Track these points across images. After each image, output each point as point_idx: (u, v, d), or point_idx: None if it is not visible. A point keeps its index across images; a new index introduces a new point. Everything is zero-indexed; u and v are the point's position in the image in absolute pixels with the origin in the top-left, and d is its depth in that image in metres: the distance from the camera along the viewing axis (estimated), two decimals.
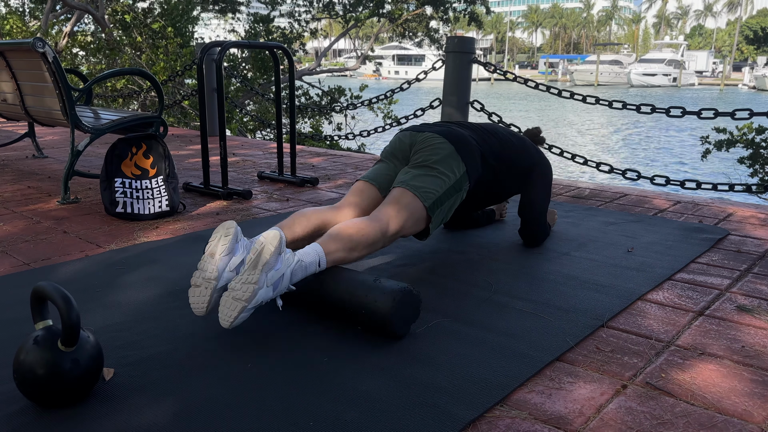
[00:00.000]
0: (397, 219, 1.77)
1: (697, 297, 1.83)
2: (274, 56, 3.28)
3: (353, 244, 1.66)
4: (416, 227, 1.85)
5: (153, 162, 2.72)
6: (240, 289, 1.41)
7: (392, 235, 1.77)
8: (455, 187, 1.91)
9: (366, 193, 1.97)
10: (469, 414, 1.19)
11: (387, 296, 1.46)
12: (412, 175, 1.89)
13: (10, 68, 3.13)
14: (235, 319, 1.41)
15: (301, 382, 1.30)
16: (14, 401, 1.21)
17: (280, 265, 1.48)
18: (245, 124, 9.12)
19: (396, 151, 2.04)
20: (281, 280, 1.48)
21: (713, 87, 51.36)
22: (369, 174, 2.03)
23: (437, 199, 1.86)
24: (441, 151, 1.93)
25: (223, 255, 1.50)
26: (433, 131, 2.00)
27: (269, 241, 1.46)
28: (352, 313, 1.52)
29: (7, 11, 9.46)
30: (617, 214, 2.85)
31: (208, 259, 1.51)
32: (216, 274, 1.48)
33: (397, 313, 1.47)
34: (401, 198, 1.82)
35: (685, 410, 1.23)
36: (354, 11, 10.95)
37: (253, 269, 1.43)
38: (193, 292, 1.50)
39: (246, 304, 1.41)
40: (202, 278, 1.49)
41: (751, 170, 5.21)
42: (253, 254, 1.45)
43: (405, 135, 2.05)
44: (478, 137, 2.08)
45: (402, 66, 64.37)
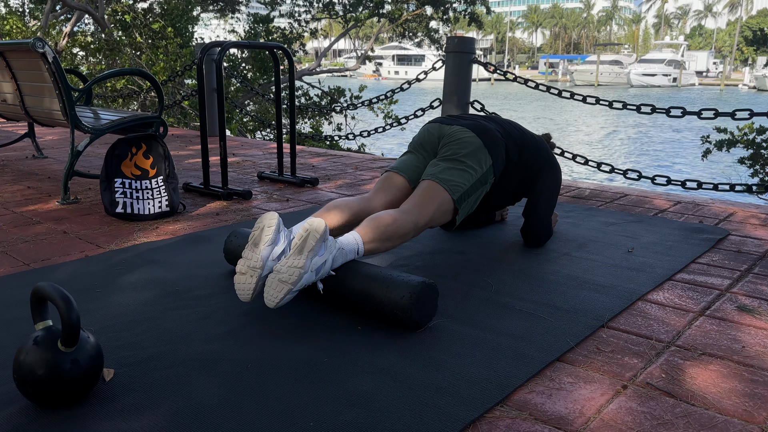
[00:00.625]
0: (427, 211, 1.86)
1: (698, 297, 1.83)
2: (274, 56, 3.28)
3: (388, 234, 1.74)
4: (444, 218, 1.93)
5: (153, 162, 2.72)
6: (286, 272, 1.50)
7: (423, 226, 1.85)
8: (482, 180, 1.99)
9: (395, 183, 2.04)
10: (470, 414, 1.19)
11: (408, 288, 1.51)
12: (441, 168, 1.95)
13: (10, 68, 3.13)
14: (281, 300, 1.50)
15: (301, 382, 1.29)
16: (14, 401, 1.21)
17: (324, 252, 1.56)
18: (245, 124, 9.12)
19: (425, 142, 2.10)
20: (324, 265, 1.56)
21: (713, 87, 51.37)
22: (398, 165, 2.09)
23: (465, 192, 1.94)
24: (469, 145, 1.99)
25: (266, 245, 1.58)
26: (461, 125, 2.06)
27: (315, 228, 1.53)
28: (374, 304, 1.56)
29: (7, 11, 9.46)
30: (618, 214, 2.85)
31: (252, 248, 1.59)
32: (261, 263, 1.56)
33: (419, 306, 1.52)
34: (431, 190, 1.90)
35: (686, 410, 1.23)
36: (354, 11, 10.95)
37: (298, 254, 1.51)
38: (239, 279, 1.59)
39: (292, 287, 1.50)
40: (248, 266, 1.57)
41: (751, 170, 5.21)
42: (298, 240, 1.52)
43: (434, 127, 2.11)
44: (503, 131, 2.14)
45: (402, 66, 64.39)
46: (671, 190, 7.05)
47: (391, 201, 2.01)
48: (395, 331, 1.54)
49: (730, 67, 58.34)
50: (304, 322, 1.60)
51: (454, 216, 1.97)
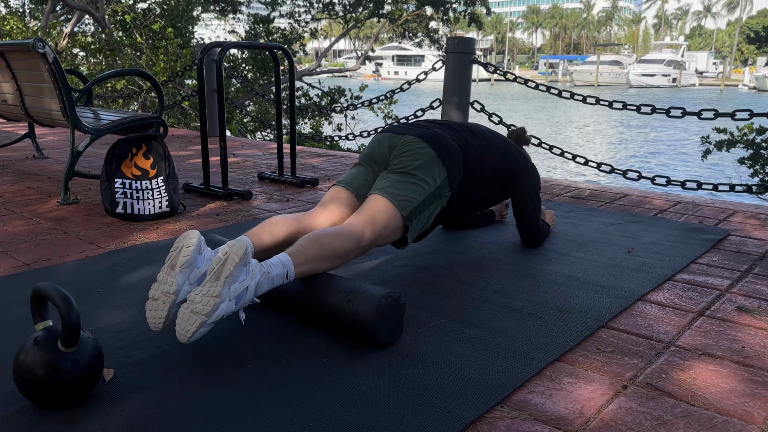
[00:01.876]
0: (372, 228, 1.67)
1: (698, 297, 1.83)
2: (274, 57, 3.28)
3: (324, 254, 1.55)
4: (393, 236, 1.75)
5: (153, 162, 2.72)
6: (200, 302, 1.32)
7: (367, 244, 1.67)
8: (435, 194, 1.82)
9: (342, 198, 1.86)
10: (470, 414, 1.19)
11: (371, 303, 1.42)
12: (390, 182, 1.78)
13: (10, 69, 3.13)
14: (194, 334, 1.31)
15: (301, 383, 1.30)
16: (14, 402, 1.21)
17: (245, 277, 1.38)
18: (245, 124, 9.12)
19: (375, 154, 1.93)
20: (245, 292, 1.38)
21: (713, 87, 51.37)
22: (345, 178, 1.92)
23: (416, 208, 1.76)
24: (421, 157, 1.82)
25: (183, 267, 1.41)
26: (413, 134, 1.89)
27: (234, 252, 1.36)
28: (334, 321, 1.48)
29: (8, 12, 9.47)
30: (617, 214, 2.85)
31: (167, 270, 1.42)
32: (175, 288, 1.39)
33: (382, 321, 1.42)
34: (377, 205, 1.72)
35: (686, 411, 1.23)
36: (354, 12, 10.95)
37: (215, 281, 1.34)
38: (150, 305, 1.41)
39: (206, 319, 1.31)
40: (161, 291, 1.40)
41: (751, 171, 5.21)
42: (216, 264, 1.36)
43: (384, 137, 1.93)
44: (460, 139, 1.97)
45: (401, 66, 64.42)
46: (671, 190, 7.05)
47: (336, 217, 1.82)
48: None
49: (729, 67, 58.34)
50: (304, 322, 1.60)
51: (405, 233, 1.78)
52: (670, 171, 13.13)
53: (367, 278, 1.92)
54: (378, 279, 1.92)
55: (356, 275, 1.95)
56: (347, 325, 1.46)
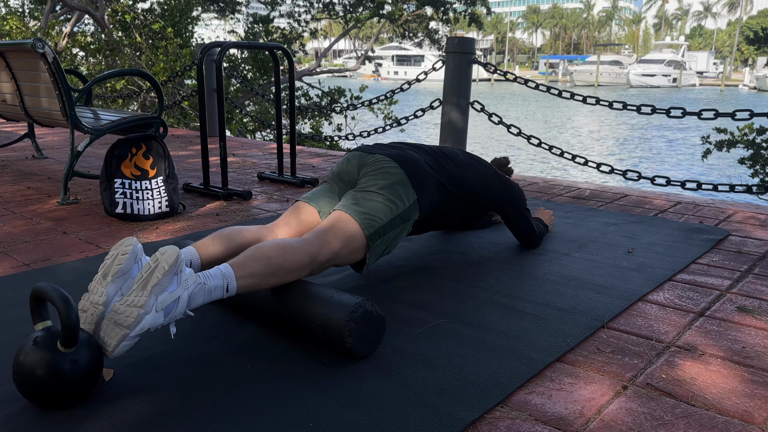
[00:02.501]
0: (330, 244, 1.57)
1: (698, 298, 1.83)
2: (274, 57, 3.28)
3: (272, 268, 1.44)
4: (352, 256, 1.64)
5: (153, 163, 2.72)
6: (123, 313, 1.22)
7: (323, 262, 1.56)
8: (402, 216, 1.73)
9: (303, 214, 1.79)
10: (470, 415, 1.19)
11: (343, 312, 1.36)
12: (356, 199, 1.70)
13: (9, 69, 3.13)
14: (115, 348, 1.21)
15: (301, 383, 1.29)
16: (14, 402, 1.21)
17: (175, 287, 1.27)
18: (245, 124, 9.12)
19: (342, 173, 1.86)
20: (176, 304, 1.27)
21: (714, 87, 51.38)
22: (309, 195, 1.85)
23: (380, 228, 1.67)
24: (390, 177, 1.75)
25: (116, 276, 1.31)
26: (384, 154, 1.83)
27: (164, 259, 1.26)
28: (306, 331, 1.42)
29: (7, 12, 9.47)
30: (618, 214, 2.85)
31: (99, 280, 1.33)
32: (105, 299, 1.29)
33: (356, 332, 1.36)
34: (339, 222, 1.62)
35: (686, 411, 1.23)
36: (354, 12, 10.96)
37: (141, 290, 1.24)
38: (80, 317, 1.30)
39: (128, 332, 1.21)
40: (90, 302, 1.30)
41: (751, 171, 5.22)
42: (144, 272, 1.26)
43: (354, 156, 1.87)
44: (434, 163, 1.91)
45: (401, 66, 64.43)
46: (671, 190, 7.04)
47: (296, 233, 1.75)
48: (395, 331, 1.54)
49: (730, 67, 58.35)
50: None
51: (366, 254, 1.68)
52: (670, 171, 13.13)
53: (367, 278, 1.92)
54: (378, 279, 1.92)
55: (356, 276, 1.95)
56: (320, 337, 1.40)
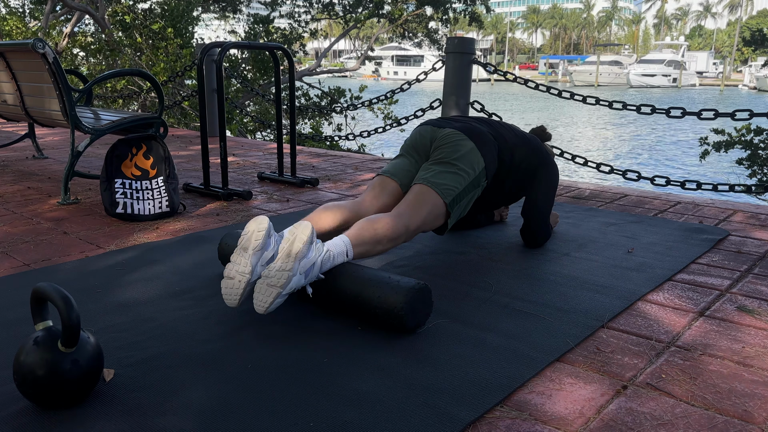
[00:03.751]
0: (418, 215, 1.83)
1: (698, 298, 1.83)
2: (274, 57, 3.28)
3: (378, 238, 1.72)
4: (436, 222, 1.91)
5: (153, 163, 2.72)
6: (275, 276, 1.48)
7: (414, 230, 1.83)
8: (474, 183, 1.96)
9: (386, 188, 2.02)
10: (470, 415, 1.19)
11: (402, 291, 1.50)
12: (434, 172, 1.93)
13: (10, 69, 3.13)
14: (271, 305, 1.48)
15: (301, 383, 1.30)
16: (14, 402, 1.21)
17: (312, 254, 1.55)
18: (245, 124, 9.12)
19: (417, 145, 2.08)
20: (312, 268, 1.55)
21: (714, 87, 51.37)
22: (389, 168, 2.07)
23: (457, 196, 1.91)
24: (462, 148, 1.97)
25: (256, 250, 1.55)
26: (453, 127, 2.04)
27: (301, 231, 1.53)
28: (365, 308, 1.55)
29: (8, 12, 9.47)
30: (617, 214, 2.85)
31: (241, 252, 1.56)
32: (250, 269, 1.53)
33: (411, 309, 1.50)
34: (423, 194, 1.87)
35: (686, 411, 1.23)
36: (354, 12, 10.96)
37: (287, 257, 1.50)
38: (226, 284, 1.56)
39: (281, 290, 1.48)
40: (236, 271, 1.54)
41: (749, 171, 5.22)
42: (285, 244, 1.52)
43: (425, 130, 2.09)
44: (495, 132, 2.12)
45: (401, 66, 64.41)
46: (671, 190, 7.05)
47: (383, 205, 1.99)
48: (395, 331, 1.55)
49: (730, 67, 58.33)
50: (304, 322, 1.60)
51: (446, 219, 1.95)
52: (670, 171, 13.13)
53: None
54: None
55: None
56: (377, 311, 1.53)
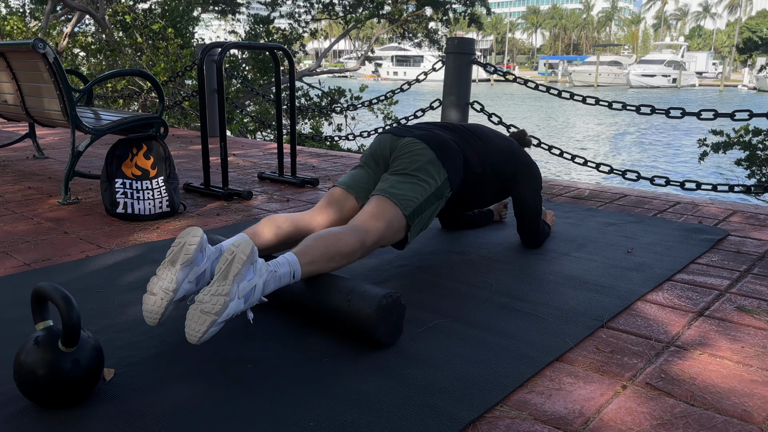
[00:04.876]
0: (376, 228, 1.69)
1: (697, 298, 1.84)
2: (274, 57, 3.29)
3: (330, 254, 1.56)
4: (396, 236, 1.76)
5: (153, 163, 2.73)
6: (209, 302, 1.32)
7: (371, 244, 1.68)
8: (436, 194, 1.84)
9: (341, 200, 1.89)
10: (469, 414, 1.19)
11: (372, 303, 1.42)
12: (392, 183, 1.80)
13: (10, 69, 3.14)
14: (204, 334, 1.31)
15: (301, 383, 1.30)
16: (15, 401, 1.21)
17: (252, 276, 1.38)
18: (245, 124, 9.12)
19: (376, 156, 1.96)
20: (253, 291, 1.38)
21: (713, 88, 51.37)
22: (345, 180, 1.94)
23: (417, 207, 1.78)
24: (421, 158, 1.85)
25: (184, 265, 1.42)
26: (413, 136, 1.91)
27: (241, 250, 1.35)
28: (336, 321, 1.48)
29: (8, 12, 9.47)
30: (617, 214, 2.85)
31: (168, 266, 1.43)
32: (175, 285, 1.40)
33: (383, 321, 1.42)
34: (380, 206, 1.74)
35: (685, 411, 1.23)
36: (354, 12, 10.96)
37: (223, 280, 1.34)
38: (148, 299, 1.41)
39: (216, 318, 1.30)
40: (160, 287, 1.40)
41: (748, 172, 5.22)
42: (223, 264, 1.35)
43: (385, 139, 1.96)
44: (460, 140, 2.00)
45: (401, 67, 64.40)
46: (670, 190, 7.04)
47: (336, 219, 1.86)
48: None
49: (729, 67, 58.31)
50: (304, 322, 1.60)
51: (406, 233, 1.80)
52: (669, 171, 13.13)
53: (368, 278, 1.93)
54: (378, 279, 1.92)
55: (356, 276, 1.95)
56: (348, 324, 1.46)
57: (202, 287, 1.46)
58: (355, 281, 1.53)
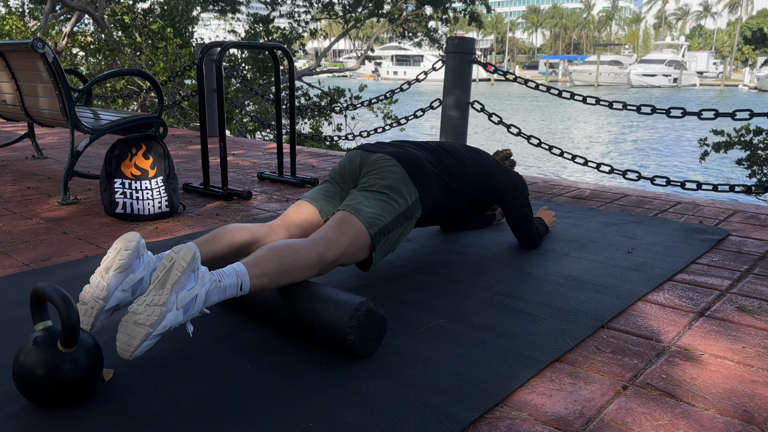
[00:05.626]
0: (337, 245, 1.59)
1: (698, 298, 1.83)
2: (274, 57, 3.28)
3: (284, 267, 1.45)
4: (359, 255, 1.66)
5: (153, 162, 2.72)
6: (143, 312, 1.22)
7: (331, 261, 1.58)
8: (405, 214, 1.76)
9: (304, 213, 1.82)
10: (470, 415, 1.19)
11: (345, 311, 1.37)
12: (359, 199, 1.72)
13: (9, 69, 3.13)
14: (137, 348, 1.21)
15: (301, 383, 1.29)
16: (14, 402, 1.21)
17: (193, 284, 1.27)
18: (245, 124, 9.12)
19: (344, 171, 1.89)
20: (193, 302, 1.27)
21: (714, 87, 51.38)
22: (311, 194, 1.87)
23: (384, 227, 1.69)
24: (392, 175, 1.77)
25: (118, 271, 1.34)
26: (385, 152, 1.84)
27: (181, 257, 1.26)
28: (309, 330, 1.44)
29: (7, 11, 9.47)
30: (617, 214, 2.85)
31: (101, 273, 1.35)
32: (106, 293, 1.32)
33: (358, 330, 1.37)
34: (345, 222, 1.64)
35: (686, 411, 1.23)
36: (353, 11, 10.96)
37: (160, 288, 1.24)
38: (79, 309, 1.33)
39: (151, 330, 1.21)
40: (91, 295, 1.33)
41: (749, 171, 5.22)
42: (160, 271, 1.26)
43: (355, 155, 1.89)
44: (434, 159, 1.93)
45: (401, 66, 64.41)
46: (671, 190, 7.04)
47: (297, 233, 1.79)
48: (395, 331, 1.54)
49: (730, 67, 58.31)
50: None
51: (371, 253, 1.70)
52: (670, 171, 13.13)
53: (367, 278, 1.92)
54: (378, 279, 1.92)
55: (356, 276, 1.95)
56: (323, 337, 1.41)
57: (138, 297, 1.35)
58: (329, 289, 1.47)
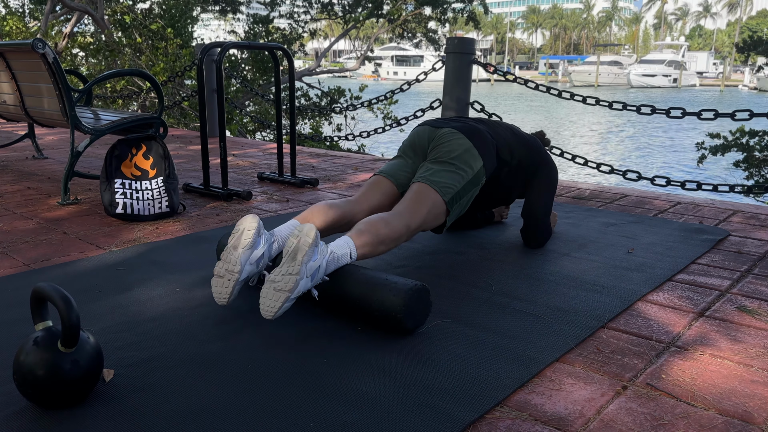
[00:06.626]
0: (419, 214, 1.84)
1: (698, 298, 1.83)
2: (274, 57, 3.28)
3: (381, 238, 1.72)
4: (436, 221, 1.91)
5: (153, 163, 2.72)
6: (281, 281, 1.47)
7: (415, 229, 1.83)
8: (473, 181, 1.98)
9: (381, 187, 2.03)
10: (469, 415, 1.19)
11: (400, 292, 1.50)
12: (432, 171, 1.95)
13: (10, 69, 3.13)
14: (279, 309, 1.46)
15: (301, 383, 1.30)
16: (14, 402, 1.21)
17: (317, 257, 1.53)
18: (245, 125, 9.12)
19: (415, 146, 2.10)
20: (318, 271, 1.53)
21: (714, 87, 51.36)
22: (386, 169, 2.09)
23: (456, 194, 1.93)
24: (459, 147, 1.99)
25: (245, 248, 1.57)
26: (450, 127, 2.06)
27: (305, 233, 1.51)
28: (365, 311, 1.55)
29: (7, 12, 9.46)
30: (617, 215, 2.85)
31: (231, 251, 1.57)
32: (239, 267, 1.55)
33: (409, 311, 1.50)
34: (422, 193, 1.88)
35: (686, 411, 1.23)
36: (353, 12, 10.96)
37: (292, 260, 1.49)
38: (216, 282, 1.57)
39: (289, 294, 1.46)
40: (226, 269, 1.56)
41: (746, 173, 5.22)
42: (289, 247, 1.50)
43: (423, 130, 2.11)
44: (493, 132, 2.14)
45: (400, 67, 64.40)
46: (671, 190, 7.04)
47: (378, 205, 2.00)
48: (395, 331, 1.54)
49: (729, 67, 58.28)
50: (304, 323, 1.60)
51: (446, 218, 1.96)
52: (670, 172, 13.12)
53: None
54: None
55: None
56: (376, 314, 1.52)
57: (262, 269, 1.62)
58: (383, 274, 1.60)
